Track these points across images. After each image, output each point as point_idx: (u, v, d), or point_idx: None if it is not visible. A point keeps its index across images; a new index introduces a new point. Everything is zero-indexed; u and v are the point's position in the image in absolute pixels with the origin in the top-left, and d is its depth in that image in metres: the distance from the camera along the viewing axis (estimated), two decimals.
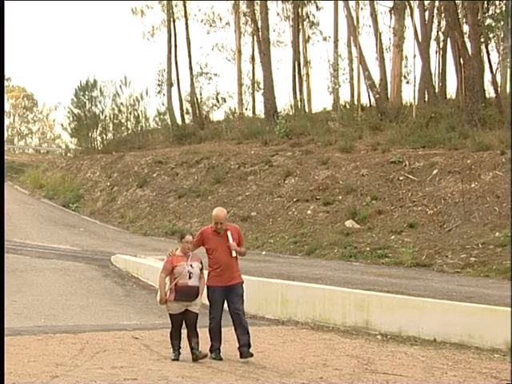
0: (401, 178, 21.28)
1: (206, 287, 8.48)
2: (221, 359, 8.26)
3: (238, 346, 8.34)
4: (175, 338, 8.43)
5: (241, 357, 8.28)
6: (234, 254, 8.42)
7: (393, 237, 18.58)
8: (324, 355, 8.96)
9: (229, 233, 8.47)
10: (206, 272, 8.48)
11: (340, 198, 21.62)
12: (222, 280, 8.37)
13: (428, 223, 18.75)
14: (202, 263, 8.43)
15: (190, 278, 8.25)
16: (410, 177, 21.13)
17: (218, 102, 38.50)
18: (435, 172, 20.80)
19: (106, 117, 39.00)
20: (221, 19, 39.32)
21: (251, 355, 8.30)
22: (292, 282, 12.85)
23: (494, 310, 10.23)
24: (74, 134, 41.20)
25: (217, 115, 38.93)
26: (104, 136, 39.41)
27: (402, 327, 10.53)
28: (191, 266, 8.29)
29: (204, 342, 8.41)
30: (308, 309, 11.56)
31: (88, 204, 29.94)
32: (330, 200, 21.61)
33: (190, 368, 7.81)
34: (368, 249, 18.06)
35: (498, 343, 9.60)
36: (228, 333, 8.23)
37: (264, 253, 19.65)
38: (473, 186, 19.29)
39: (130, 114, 39.03)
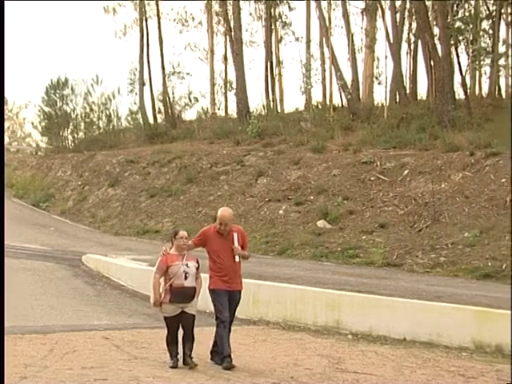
0: (372, 179, 21.42)
1: (209, 290, 8.04)
2: (233, 367, 7.78)
3: (211, 349, 8.06)
4: (172, 343, 7.93)
5: (211, 359, 8.07)
6: (237, 258, 7.99)
7: (364, 237, 18.69)
8: (295, 355, 9.00)
9: (235, 234, 8.02)
10: (204, 275, 8.06)
11: (312, 198, 21.69)
12: (227, 284, 7.96)
13: (399, 223, 18.89)
14: (198, 262, 7.99)
15: (185, 278, 7.80)
16: (381, 177, 21.28)
17: (190, 101, 38.49)
18: (406, 172, 20.97)
19: (77, 115, 38.72)
20: (193, 19, 39.32)
21: (233, 366, 7.84)
22: (263, 281, 12.86)
23: (462, 309, 10.36)
24: (45, 133, 40.82)
25: (189, 115, 38.98)
26: (75, 135, 39.11)
27: (372, 327, 10.61)
28: (187, 265, 7.86)
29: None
30: (279, 308, 11.59)
31: (59, 203, 29.69)
32: (301, 200, 21.68)
33: (161, 368, 7.79)
34: (339, 249, 18.15)
35: (466, 342, 9.72)
36: (199, 333, 8.20)
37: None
38: (443, 186, 19.49)
39: (102, 112, 38.80)
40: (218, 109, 38.20)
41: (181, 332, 7.92)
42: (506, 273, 14.68)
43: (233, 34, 32.33)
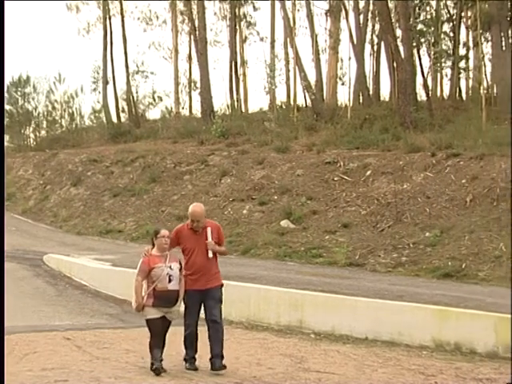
0: (335, 179, 21.56)
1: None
2: (196, 369, 7.71)
3: (209, 356, 7.73)
4: (156, 346, 7.56)
5: (212, 369, 7.66)
6: (210, 254, 7.72)
7: (327, 237, 18.80)
8: (258, 354, 9.02)
9: (209, 229, 7.75)
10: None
11: (275, 197, 21.76)
12: (199, 284, 7.68)
13: (361, 223, 19.04)
14: (180, 264, 7.71)
15: (169, 281, 7.47)
16: (345, 177, 21.43)
17: (154, 100, 38.36)
18: (369, 173, 21.15)
19: (39, 114, 38.35)
20: (157, 17, 39.15)
21: (224, 367, 7.67)
22: (227, 281, 12.81)
23: (423, 308, 10.50)
24: (6, 131, 40.25)
25: (153, 114, 38.78)
26: (37, 133, 38.71)
27: (334, 326, 10.68)
28: (170, 267, 7.51)
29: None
30: (243, 308, 11.60)
31: (20, 202, 29.31)
32: (265, 200, 21.73)
33: (123, 368, 7.74)
34: (303, 248, 18.23)
35: (426, 340, 9.86)
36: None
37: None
38: (404, 186, 19.69)
39: (65, 111, 38.47)
40: (182, 108, 38.15)
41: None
42: (465, 272, 14.91)
43: (197, 33, 32.24)
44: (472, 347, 9.56)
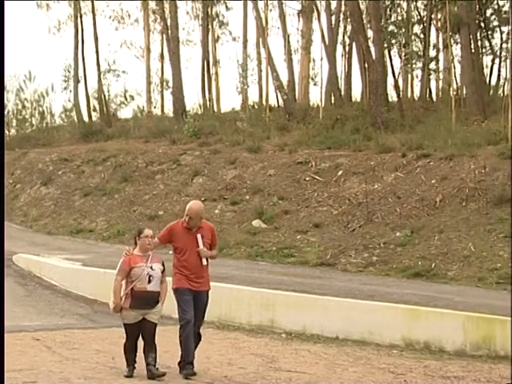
0: (307, 179, 21.63)
1: (173, 290, 7.57)
2: (194, 374, 7.44)
3: (179, 360, 7.58)
4: (130, 351, 7.43)
5: (180, 372, 7.53)
6: (204, 262, 7.53)
7: (299, 236, 18.86)
8: (229, 354, 9.04)
9: (199, 236, 7.49)
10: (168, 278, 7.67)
11: (247, 197, 21.78)
12: (191, 284, 7.51)
13: (333, 223, 19.13)
14: (163, 265, 7.48)
15: (149, 281, 7.25)
16: (316, 177, 21.52)
17: (126, 99, 38.13)
18: (340, 173, 21.26)
19: (8, 112, 37.84)
20: (129, 16, 38.88)
21: (194, 374, 7.47)
22: None
23: (393, 307, 10.60)
24: None
25: (125, 113, 38.51)
26: (7, 132, 38.21)
27: (306, 325, 10.74)
28: (151, 267, 7.30)
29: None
30: (214, 308, 11.48)
31: None
32: (237, 200, 21.73)
33: (93, 369, 7.71)
34: (274, 248, 18.26)
35: (396, 339, 9.96)
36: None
37: (171, 252, 19.54)
38: (376, 186, 19.83)
39: (35, 109, 38.04)
40: (154, 107, 37.96)
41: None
42: (435, 271, 15.06)
43: (169, 32, 32.13)
44: (441, 346, 9.69)
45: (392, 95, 28.65)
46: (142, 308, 7.27)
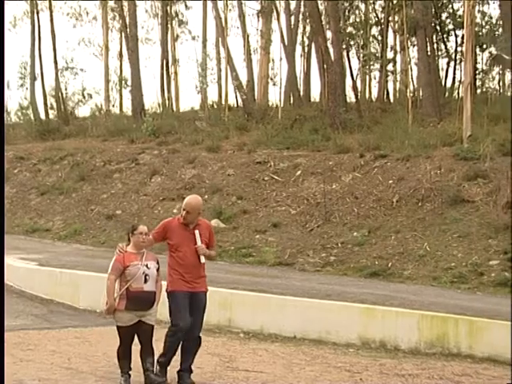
0: (266, 179, 21.69)
1: (166, 293, 7.14)
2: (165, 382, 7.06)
3: (178, 369, 7.19)
4: (124, 357, 6.98)
5: (179, 382, 7.13)
6: (202, 259, 7.07)
7: (257, 236, 18.90)
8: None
9: (197, 232, 7.05)
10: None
11: (206, 197, 21.71)
12: (188, 285, 7.05)
13: (291, 223, 19.22)
14: (158, 263, 7.09)
15: (145, 281, 6.83)
16: (275, 177, 21.59)
17: (83, 97, 37.64)
18: (299, 173, 21.37)
19: None
20: (87, 13, 38.56)
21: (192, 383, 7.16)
22: None
23: (350, 306, 10.71)
24: None
25: (82, 111, 38.06)
26: None
27: (263, 325, 10.77)
28: (147, 266, 6.90)
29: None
30: None
31: None
32: None
33: (48, 370, 7.62)
34: (233, 248, 18.27)
35: (353, 338, 10.07)
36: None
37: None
38: (334, 187, 19.99)
39: None
40: (113, 106, 37.63)
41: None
42: (391, 271, 15.25)
43: (128, 30, 31.91)
44: (396, 344, 9.83)
45: (350, 96, 28.95)
46: (138, 309, 6.86)
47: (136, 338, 7.08)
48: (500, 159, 18.52)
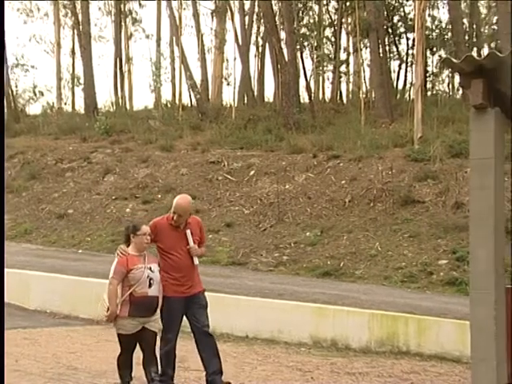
0: (219, 178, 21.70)
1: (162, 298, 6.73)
2: None
3: (205, 373, 6.89)
4: (126, 366, 6.59)
5: None
6: (196, 261, 6.77)
7: (210, 236, 18.86)
8: (137, 354, 8.96)
9: (188, 232, 6.69)
10: None
11: (159, 196, 21.64)
12: (183, 289, 6.69)
13: (244, 223, 19.27)
14: (159, 265, 6.63)
15: (150, 285, 6.37)
16: (229, 177, 21.62)
17: (35, 95, 37.11)
18: (252, 173, 21.43)
19: None
20: (39, 9, 37.98)
21: None
22: (107, 280, 12.68)
23: (302, 306, 10.80)
24: None
25: (34, 109, 37.51)
26: None
27: (216, 324, 10.68)
28: (150, 269, 6.41)
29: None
30: None
31: None
32: (149, 198, 21.56)
33: (12, 371, 7.50)
34: None
35: (305, 337, 10.15)
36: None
37: (80, 251, 19.24)
38: (287, 187, 20.10)
39: None
40: (65, 104, 37.08)
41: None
42: (343, 270, 15.42)
43: (81, 27, 31.55)
44: (347, 343, 9.95)
45: (304, 97, 29.16)
46: (142, 316, 6.39)
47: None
48: (449, 160, 18.90)
